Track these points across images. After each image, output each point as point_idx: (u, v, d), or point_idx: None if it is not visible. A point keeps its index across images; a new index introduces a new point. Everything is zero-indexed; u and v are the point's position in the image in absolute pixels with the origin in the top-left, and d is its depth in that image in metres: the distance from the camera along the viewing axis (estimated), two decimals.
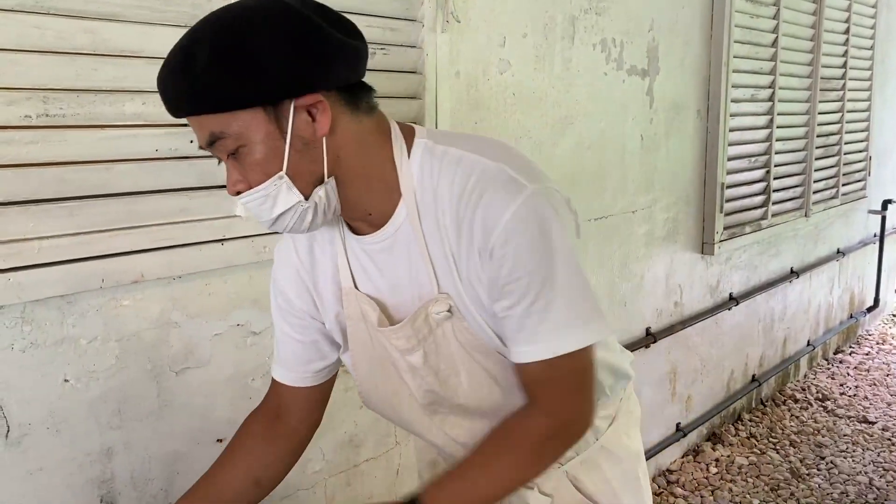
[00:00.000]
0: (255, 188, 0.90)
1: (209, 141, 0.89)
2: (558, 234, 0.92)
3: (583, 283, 0.95)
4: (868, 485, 3.02)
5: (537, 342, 0.94)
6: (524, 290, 0.92)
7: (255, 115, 0.87)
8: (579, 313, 0.94)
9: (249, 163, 0.89)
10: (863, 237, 4.80)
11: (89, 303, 1.30)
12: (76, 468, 1.32)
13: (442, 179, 0.94)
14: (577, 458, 1.18)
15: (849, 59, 4.08)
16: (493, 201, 0.91)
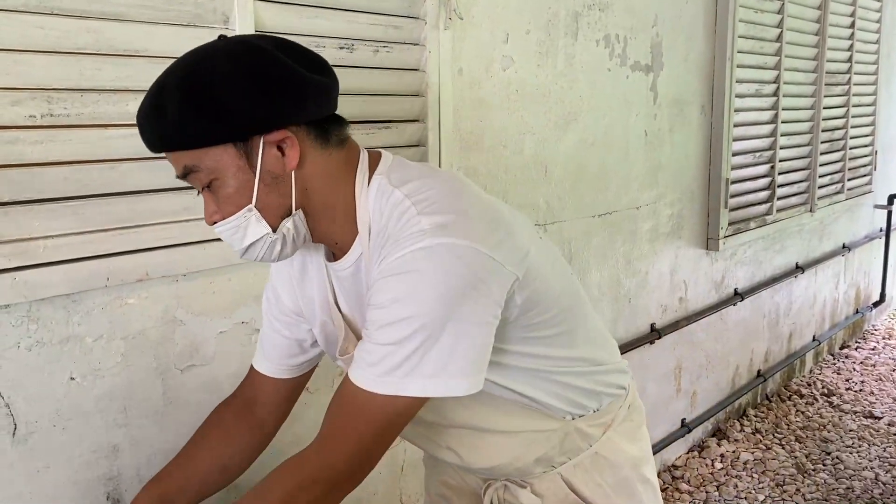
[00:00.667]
0: (227, 219, 0.96)
1: (183, 173, 0.96)
2: (446, 287, 0.89)
3: (447, 343, 0.90)
4: (874, 480, 3.02)
5: (364, 370, 0.92)
6: (378, 320, 0.92)
7: (226, 151, 0.93)
8: (421, 368, 0.90)
9: (222, 195, 0.96)
10: (868, 232, 4.79)
11: (94, 301, 1.31)
12: (83, 465, 1.33)
13: (383, 222, 0.97)
14: (570, 462, 1.18)
15: (854, 54, 4.07)
16: (398, 244, 0.92)
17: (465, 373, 0.92)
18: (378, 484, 1.89)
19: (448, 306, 0.89)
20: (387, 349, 0.91)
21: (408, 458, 1.95)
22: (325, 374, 1.72)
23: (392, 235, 0.94)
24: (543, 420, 1.13)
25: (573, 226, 2.40)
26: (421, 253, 0.89)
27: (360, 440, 0.94)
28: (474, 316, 0.91)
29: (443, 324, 0.89)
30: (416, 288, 0.89)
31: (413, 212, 0.93)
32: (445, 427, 1.13)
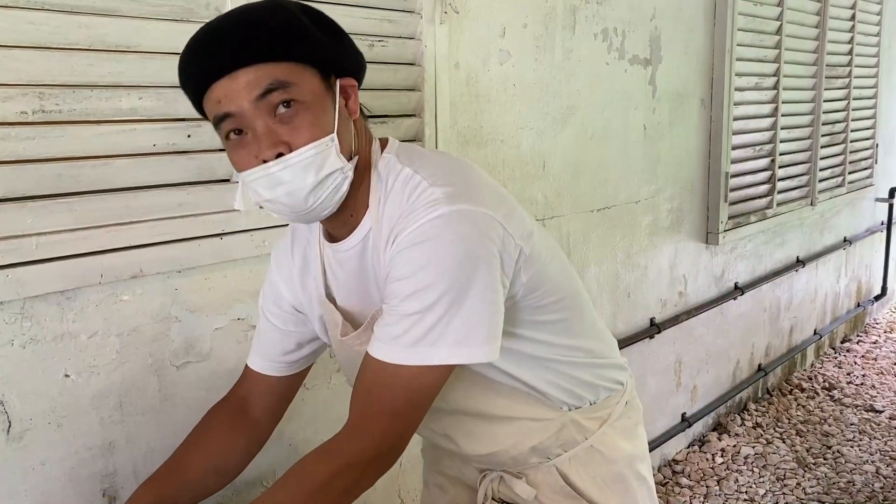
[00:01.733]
0: (306, 146, 0.91)
1: (267, 89, 0.90)
2: (463, 254, 0.91)
3: (469, 308, 0.91)
4: (875, 474, 3.01)
5: (388, 344, 0.93)
6: (400, 292, 0.92)
7: (315, 77, 0.93)
8: (446, 335, 0.91)
9: (300, 121, 0.91)
10: (870, 225, 4.77)
11: (89, 298, 1.31)
12: (78, 462, 1.33)
13: (392, 199, 0.98)
14: (566, 454, 1.18)
15: (855, 46, 4.05)
16: (411, 216, 0.93)
17: (488, 338, 0.93)
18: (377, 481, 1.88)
19: (469, 271, 0.90)
20: (412, 319, 0.91)
21: (406, 453, 1.94)
22: (323, 370, 1.71)
23: (405, 209, 0.94)
24: (540, 409, 1.13)
25: (572, 220, 2.39)
26: (438, 221, 0.91)
27: (393, 417, 0.94)
28: (491, 280, 0.92)
29: (466, 289, 0.90)
30: (436, 256, 0.90)
31: (425, 184, 0.95)
32: (443, 413, 1.12)
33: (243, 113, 0.91)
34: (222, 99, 0.91)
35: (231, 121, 0.92)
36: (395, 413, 0.94)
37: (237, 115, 0.91)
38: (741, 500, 2.84)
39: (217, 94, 0.91)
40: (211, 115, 0.94)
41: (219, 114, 0.92)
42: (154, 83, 1.32)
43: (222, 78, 0.90)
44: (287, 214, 0.98)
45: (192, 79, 0.93)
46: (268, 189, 0.93)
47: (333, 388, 1.75)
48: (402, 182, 0.97)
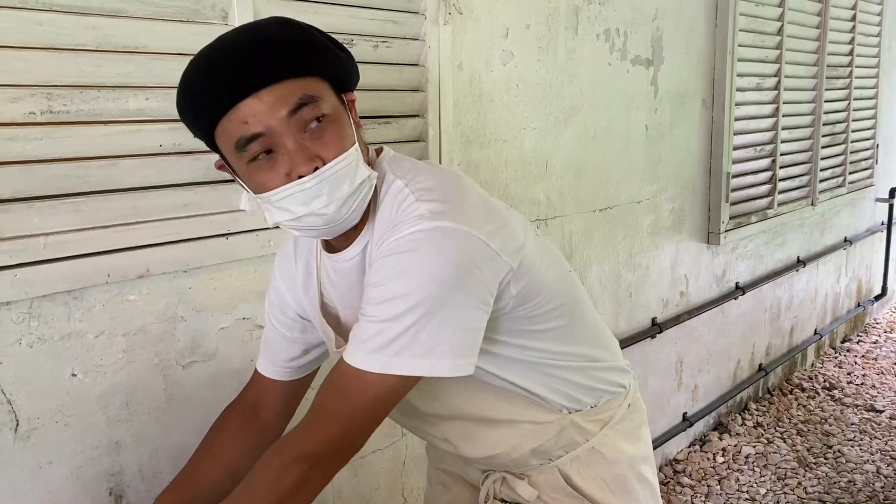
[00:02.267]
0: (339, 157, 0.92)
1: (299, 104, 0.90)
2: (440, 269, 0.90)
3: (448, 323, 0.91)
4: (875, 473, 3.02)
5: (355, 348, 0.93)
6: (372, 298, 0.93)
7: (332, 92, 0.95)
8: (412, 347, 0.91)
9: (329, 135, 0.92)
10: (870, 225, 4.78)
11: (96, 298, 1.31)
12: (85, 461, 1.33)
13: (383, 211, 0.98)
14: (567, 456, 1.18)
15: (855, 47, 4.05)
16: (395, 229, 0.93)
17: (455, 354, 0.92)
18: (380, 479, 1.89)
19: (442, 287, 0.90)
20: (380, 326, 0.91)
21: (409, 452, 1.95)
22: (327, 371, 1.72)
23: (393, 220, 0.95)
24: (539, 412, 1.13)
25: (574, 220, 2.39)
26: (419, 234, 0.91)
27: (349, 418, 0.94)
28: (467, 299, 0.92)
29: (436, 304, 0.90)
30: (411, 268, 0.90)
31: (412, 199, 0.95)
32: (441, 419, 1.13)
33: (273, 131, 0.89)
34: (249, 119, 0.89)
35: (260, 141, 0.90)
36: (349, 417, 0.94)
37: (267, 135, 0.90)
38: (742, 499, 2.84)
39: (243, 115, 0.89)
40: (233, 139, 0.91)
41: (245, 136, 0.90)
42: (161, 84, 1.33)
43: (248, 97, 0.88)
44: (318, 228, 0.97)
45: (211, 101, 0.90)
46: (303, 204, 0.93)
47: None
48: (392, 194, 0.98)
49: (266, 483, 0.93)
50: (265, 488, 0.93)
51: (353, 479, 1.83)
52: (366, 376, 0.92)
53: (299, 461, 0.93)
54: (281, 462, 0.94)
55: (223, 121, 0.91)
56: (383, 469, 1.90)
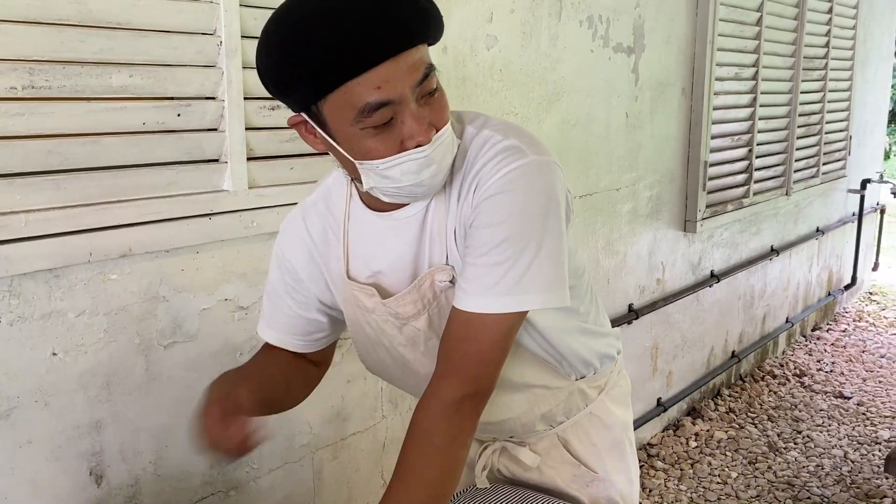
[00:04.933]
0: (446, 126, 0.92)
1: (426, 73, 0.87)
2: (545, 203, 0.95)
3: (550, 253, 0.95)
4: (843, 458, 3.09)
5: (479, 295, 0.95)
6: (489, 240, 0.94)
7: None
8: (531, 280, 0.94)
9: (439, 104, 0.91)
10: (842, 216, 4.86)
11: (77, 276, 1.30)
12: (65, 441, 1.32)
13: (459, 157, 0.98)
14: (568, 421, 1.22)
15: (831, 39, 4.11)
16: (492, 164, 0.95)
17: (562, 282, 0.97)
18: (360, 461, 1.90)
19: (552, 219, 0.95)
20: (504, 266, 0.93)
21: (389, 435, 1.96)
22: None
23: (481, 159, 0.96)
24: (553, 378, 1.16)
25: None
26: (525, 169, 0.94)
27: (478, 361, 0.97)
28: (563, 228, 0.97)
29: (550, 236, 0.94)
30: (524, 203, 0.93)
31: (498, 136, 0.97)
32: None
33: (404, 98, 0.85)
34: (383, 84, 0.83)
35: (390, 108, 0.85)
36: (480, 357, 0.97)
37: (396, 102, 0.85)
38: (714, 482, 2.90)
39: (377, 79, 0.82)
40: (359, 104, 0.84)
41: (375, 101, 0.84)
42: (145, 61, 1.32)
43: (387, 60, 0.82)
44: (418, 195, 0.96)
45: (343, 58, 0.81)
46: (414, 173, 0.91)
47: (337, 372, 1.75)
48: (467, 140, 0.99)
49: (423, 438, 0.96)
50: (422, 444, 0.96)
51: (332, 462, 1.83)
52: (493, 319, 0.94)
53: (446, 410, 0.96)
54: (429, 418, 0.96)
55: (351, 83, 0.83)
56: (363, 451, 1.91)
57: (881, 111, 5.45)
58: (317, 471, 1.79)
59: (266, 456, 1.67)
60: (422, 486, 0.95)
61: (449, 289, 1.01)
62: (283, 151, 1.57)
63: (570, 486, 1.24)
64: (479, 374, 0.98)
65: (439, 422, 0.96)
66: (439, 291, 1.02)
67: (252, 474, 1.65)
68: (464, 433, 0.98)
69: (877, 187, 5.30)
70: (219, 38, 1.41)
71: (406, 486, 0.95)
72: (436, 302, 1.03)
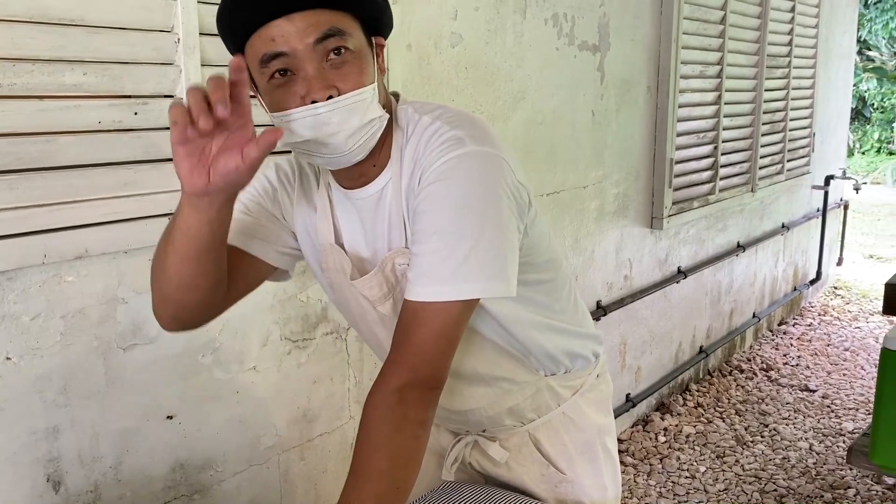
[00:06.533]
0: (355, 91, 0.94)
1: (325, 34, 0.91)
2: (482, 193, 0.96)
3: (489, 242, 0.96)
4: (808, 450, 3.13)
5: (420, 284, 0.96)
6: (426, 228, 0.96)
7: (360, 31, 0.96)
8: (469, 269, 0.95)
9: (349, 69, 0.94)
10: (806, 212, 4.93)
11: (31, 279, 1.27)
12: (20, 447, 1.30)
13: (411, 145, 1.01)
14: (539, 420, 1.23)
15: (794, 38, 4.16)
16: (434, 153, 0.97)
17: (509, 275, 0.97)
18: (328, 461, 1.88)
19: (493, 209, 0.96)
20: (442, 254, 0.94)
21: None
22: (274, 352, 1.70)
23: (427, 147, 0.99)
24: (519, 371, 1.17)
25: None
26: (465, 158, 0.96)
27: (423, 349, 0.97)
28: (511, 222, 0.98)
29: (491, 226, 0.96)
30: (463, 191, 0.95)
31: (445, 127, 0.99)
32: None
33: (297, 54, 0.91)
34: (277, 38, 0.91)
35: (281, 60, 0.92)
36: (422, 346, 0.97)
37: (290, 56, 0.92)
38: (683, 477, 2.92)
39: (272, 33, 0.91)
40: (258, 53, 0.93)
41: (270, 52, 0.92)
42: (100, 58, 1.29)
43: (280, 17, 0.90)
44: (322, 157, 0.98)
45: (244, 17, 0.92)
46: (311, 129, 0.94)
47: (284, 371, 1.74)
48: (420, 129, 1.01)
49: (369, 427, 0.96)
50: (369, 433, 0.96)
51: (300, 463, 1.82)
52: (430, 307, 0.95)
53: (388, 398, 0.96)
54: (372, 408, 0.97)
55: (253, 36, 0.92)
56: (331, 452, 1.89)
57: (843, 109, 5.54)
58: (283, 473, 1.78)
59: (231, 459, 1.65)
60: (374, 477, 0.94)
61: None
62: None
63: (538, 485, 1.25)
64: (421, 361, 0.97)
65: (383, 410, 0.96)
66: (401, 275, 1.04)
67: (216, 477, 1.63)
68: (410, 422, 0.97)
69: (840, 183, 5.39)
70: (176, 35, 1.39)
71: (358, 479, 0.95)
72: (398, 286, 1.05)
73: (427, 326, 0.96)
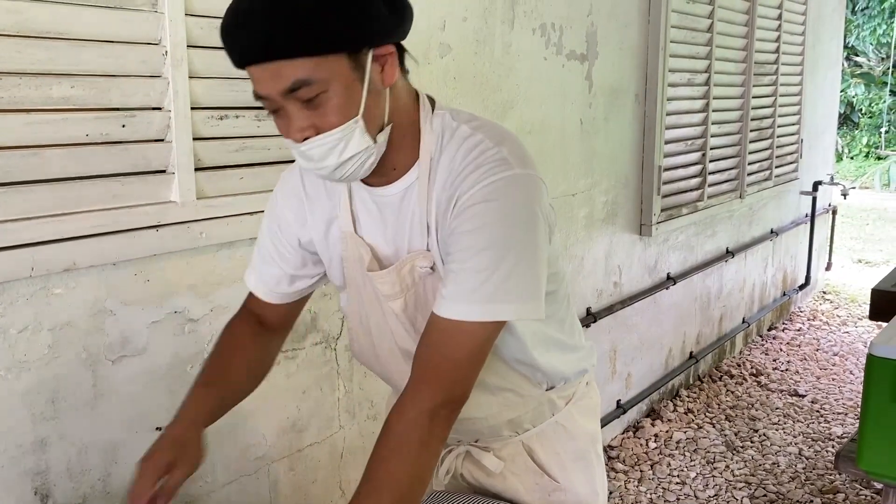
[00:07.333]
0: (330, 131, 0.93)
1: (291, 88, 0.90)
2: (525, 215, 0.98)
3: (528, 265, 0.98)
4: (798, 455, 3.15)
5: (457, 302, 0.96)
6: (470, 247, 0.96)
7: (340, 61, 0.91)
8: (508, 290, 0.97)
9: (326, 108, 0.93)
10: (795, 217, 4.97)
11: (19, 291, 1.27)
12: (7, 461, 1.29)
13: (448, 153, 1.01)
14: (534, 429, 1.24)
15: (781, 45, 4.20)
16: (478, 172, 0.98)
17: (541, 297, 0.99)
18: (318, 472, 1.88)
19: (532, 232, 0.98)
20: (483, 275, 0.95)
21: (347, 445, 1.95)
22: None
23: (469, 164, 0.99)
24: (525, 385, 1.18)
25: None
26: (511, 180, 0.97)
27: (456, 369, 0.98)
28: (544, 244, 1.01)
29: (529, 249, 0.98)
30: (507, 214, 0.97)
31: (489, 143, 1.00)
32: None
33: (273, 98, 0.92)
34: (257, 82, 0.93)
35: (265, 101, 0.94)
36: (457, 365, 0.98)
37: (269, 99, 0.93)
38: (673, 483, 2.93)
39: (253, 75, 0.92)
40: (252, 89, 0.95)
41: (256, 93, 0.94)
42: (87, 71, 1.29)
43: (251, 65, 0.91)
44: (331, 179, 1.01)
45: (229, 55, 0.93)
46: (302, 161, 0.98)
47: (273, 380, 1.74)
48: (459, 138, 1.01)
49: (396, 442, 0.96)
50: (396, 448, 0.96)
51: (290, 473, 1.82)
52: (470, 327, 0.96)
53: (421, 417, 0.96)
54: (403, 422, 0.97)
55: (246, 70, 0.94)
56: (321, 462, 1.89)
57: (831, 115, 5.59)
58: (273, 483, 1.78)
59: (220, 469, 1.65)
60: (391, 491, 0.95)
61: (428, 276, 1.04)
62: (233, 161, 1.56)
63: (531, 495, 1.25)
64: (455, 381, 0.99)
65: (414, 428, 0.97)
66: (419, 277, 1.05)
67: (206, 488, 1.62)
68: (436, 440, 0.99)
69: (828, 189, 5.43)
70: (164, 48, 1.39)
71: (377, 491, 0.95)
72: (414, 288, 1.06)
73: (463, 346, 0.98)
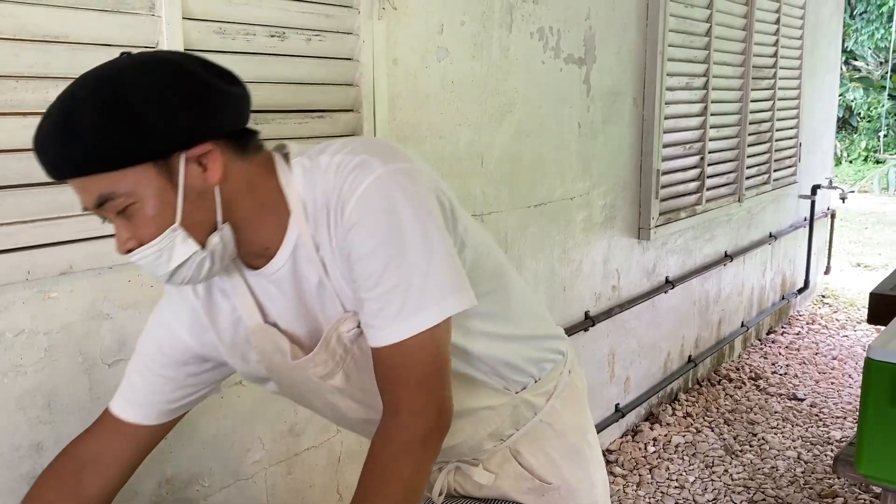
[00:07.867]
0: (149, 244, 0.90)
1: (98, 203, 0.88)
2: (412, 209, 0.91)
3: (438, 259, 0.92)
4: (797, 459, 3.14)
5: (389, 326, 0.93)
6: (373, 271, 0.92)
7: (146, 171, 0.87)
8: (431, 291, 0.92)
9: (141, 219, 0.89)
10: (793, 221, 4.97)
11: (15, 295, 1.27)
12: (3, 464, 1.29)
13: (317, 189, 0.96)
14: (518, 433, 1.21)
15: (779, 49, 4.20)
16: (346, 188, 0.92)
17: (467, 284, 0.95)
18: (315, 476, 1.88)
19: (428, 225, 0.92)
20: (399, 291, 0.91)
21: (345, 448, 1.95)
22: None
23: (337, 183, 0.93)
24: (492, 396, 1.14)
25: (509, 216, 2.42)
26: (378, 183, 0.91)
27: (421, 386, 0.95)
28: (444, 228, 0.94)
29: (433, 242, 0.92)
30: (390, 221, 0.90)
31: (348, 157, 0.93)
32: None
33: (92, 211, 0.91)
34: (76, 195, 0.91)
35: (91, 213, 0.92)
36: (425, 380, 0.95)
37: (91, 211, 0.91)
38: (672, 487, 2.93)
39: (72, 187, 0.91)
40: None
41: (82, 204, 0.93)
42: None
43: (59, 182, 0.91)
44: (187, 281, 0.97)
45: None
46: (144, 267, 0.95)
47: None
48: (321, 171, 0.95)
49: (387, 469, 0.94)
50: (386, 474, 0.94)
51: (287, 477, 1.81)
52: (412, 342, 0.92)
53: (410, 445, 0.94)
54: (393, 451, 0.95)
55: None
56: (318, 466, 1.89)
57: (829, 119, 5.59)
58: (270, 487, 1.77)
59: (217, 473, 1.64)
60: None
61: (359, 336, 0.99)
62: None
63: (525, 497, 1.23)
64: (431, 396, 0.95)
65: (405, 455, 0.95)
66: (350, 343, 1.00)
67: (203, 493, 1.62)
68: (427, 462, 0.97)
69: (827, 193, 5.43)
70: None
71: None
72: (349, 356, 1.01)
73: (420, 360, 0.94)
